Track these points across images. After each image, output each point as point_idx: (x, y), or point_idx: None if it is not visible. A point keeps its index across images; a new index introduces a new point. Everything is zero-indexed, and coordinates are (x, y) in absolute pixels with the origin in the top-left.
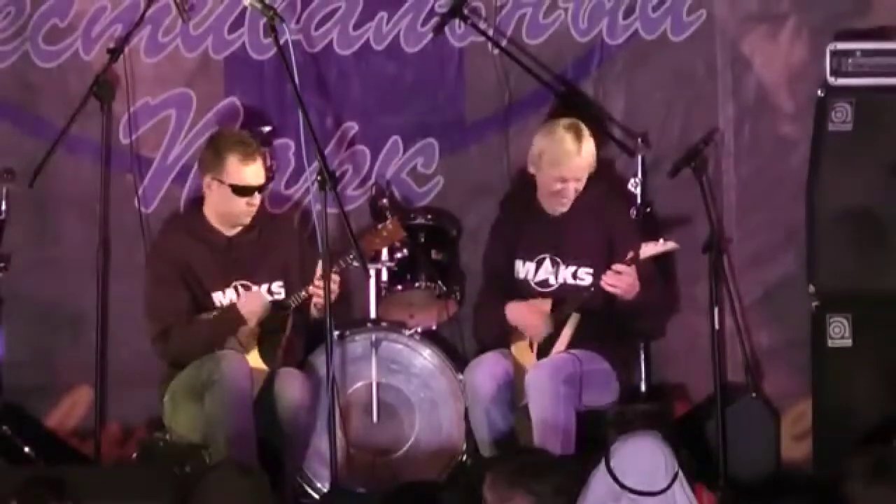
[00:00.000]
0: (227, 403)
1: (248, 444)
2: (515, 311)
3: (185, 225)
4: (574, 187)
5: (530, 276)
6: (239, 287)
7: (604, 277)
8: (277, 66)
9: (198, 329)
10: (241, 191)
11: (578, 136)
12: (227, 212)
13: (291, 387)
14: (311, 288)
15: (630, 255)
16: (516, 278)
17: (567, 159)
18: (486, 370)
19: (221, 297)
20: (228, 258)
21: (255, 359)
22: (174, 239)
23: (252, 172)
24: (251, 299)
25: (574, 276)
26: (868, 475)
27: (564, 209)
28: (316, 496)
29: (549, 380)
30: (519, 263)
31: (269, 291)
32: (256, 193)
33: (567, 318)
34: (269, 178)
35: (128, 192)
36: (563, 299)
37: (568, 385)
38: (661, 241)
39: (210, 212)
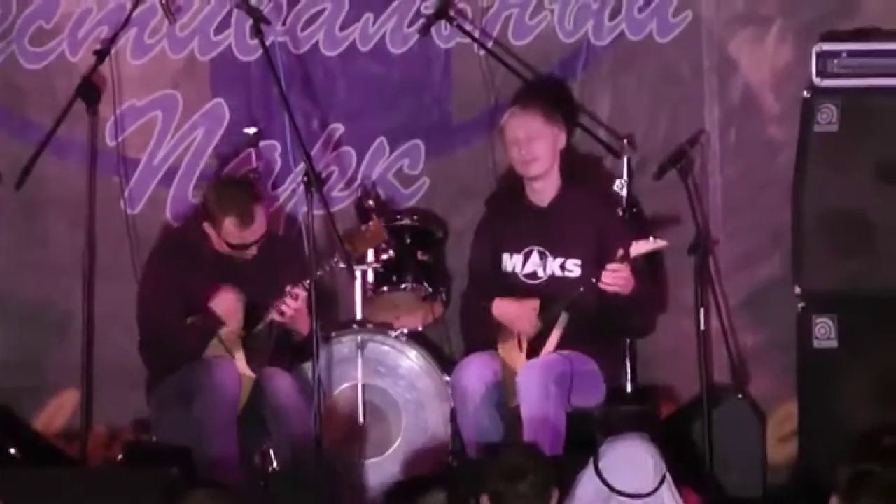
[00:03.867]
0: (215, 409)
1: (232, 450)
2: (503, 308)
3: (184, 240)
4: (527, 151)
5: (518, 269)
6: None
7: (602, 277)
8: (264, 68)
9: (181, 338)
10: (237, 248)
11: (525, 101)
12: (225, 251)
13: (276, 383)
14: (272, 313)
15: (620, 252)
16: (504, 271)
17: (511, 119)
18: (475, 372)
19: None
20: (227, 273)
21: (241, 365)
22: (171, 254)
23: (248, 233)
24: (223, 299)
25: (562, 267)
26: (849, 488)
27: (536, 179)
28: None
29: (539, 379)
30: (506, 256)
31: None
32: (254, 246)
33: (556, 318)
34: (254, 179)
35: (114, 194)
36: (552, 297)
37: (558, 385)
38: (651, 238)
39: (213, 238)
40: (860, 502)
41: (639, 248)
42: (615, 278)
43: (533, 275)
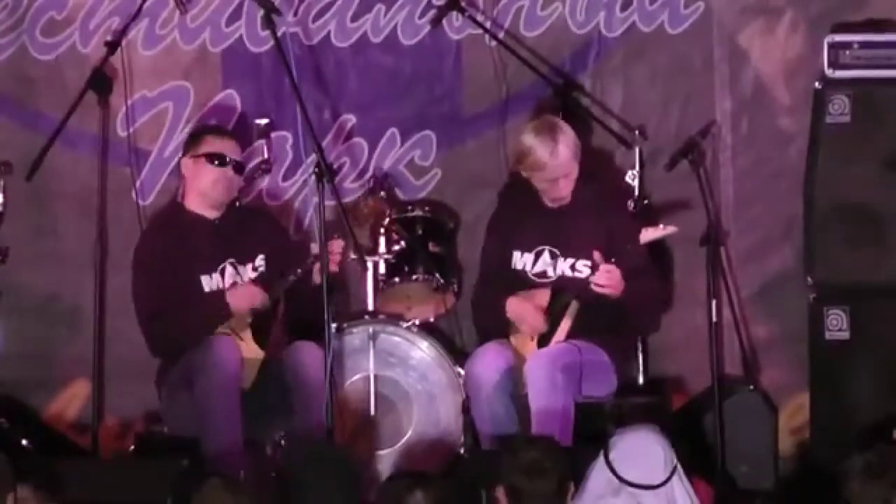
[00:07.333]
0: (215, 390)
1: (235, 434)
2: (515, 308)
3: (165, 219)
4: (563, 183)
5: (528, 268)
6: (227, 267)
7: (595, 278)
8: (275, 59)
9: (185, 317)
10: (216, 158)
11: (552, 135)
12: (206, 188)
13: (305, 356)
14: (312, 257)
15: (600, 257)
16: (514, 269)
17: (547, 161)
18: (488, 361)
19: (209, 281)
20: (214, 241)
21: (250, 345)
22: (155, 235)
23: (226, 145)
24: (241, 294)
25: (572, 268)
26: (865, 473)
27: (566, 201)
28: None
29: (546, 368)
30: (517, 254)
31: (253, 267)
32: (233, 170)
33: (567, 306)
34: (265, 170)
35: (125, 185)
36: (561, 289)
37: (566, 374)
38: (661, 226)
39: (191, 199)
40: (876, 487)
41: (648, 235)
42: (608, 279)
43: (543, 274)
